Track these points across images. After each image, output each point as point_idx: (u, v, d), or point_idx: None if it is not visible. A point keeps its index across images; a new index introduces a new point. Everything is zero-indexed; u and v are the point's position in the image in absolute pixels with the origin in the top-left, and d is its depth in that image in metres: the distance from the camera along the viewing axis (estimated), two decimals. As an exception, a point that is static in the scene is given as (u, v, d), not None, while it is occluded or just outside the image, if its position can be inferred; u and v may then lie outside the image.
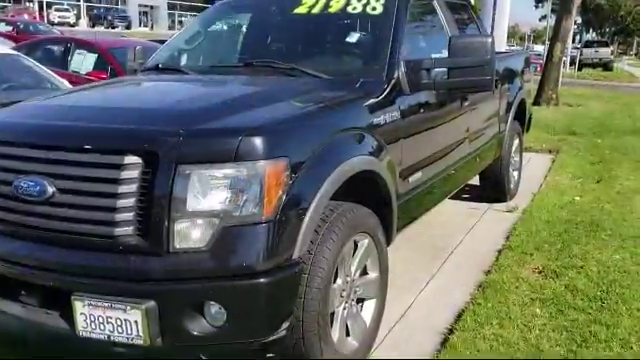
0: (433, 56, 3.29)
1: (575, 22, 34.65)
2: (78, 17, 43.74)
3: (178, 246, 2.08)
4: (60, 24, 40.43)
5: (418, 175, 3.25)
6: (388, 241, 2.97)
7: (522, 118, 5.85)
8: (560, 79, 15.89)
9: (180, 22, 46.09)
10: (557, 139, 8.85)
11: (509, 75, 5.24)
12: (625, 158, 7.40)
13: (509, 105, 5.18)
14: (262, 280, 2.10)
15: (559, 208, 5.18)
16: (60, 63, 7.72)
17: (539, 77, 13.29)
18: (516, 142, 5.67)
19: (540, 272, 3.74)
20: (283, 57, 3.22)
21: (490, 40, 3.02)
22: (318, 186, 2.29)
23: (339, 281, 2.54)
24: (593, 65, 33.89)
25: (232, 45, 3.70)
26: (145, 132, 2.17)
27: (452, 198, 4.62)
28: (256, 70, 3.10)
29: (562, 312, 3.18)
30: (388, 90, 2.96)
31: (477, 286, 3.60)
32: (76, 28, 40.51)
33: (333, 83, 2.94)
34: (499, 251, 4.20)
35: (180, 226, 2.07)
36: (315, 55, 3.33)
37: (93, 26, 42.59)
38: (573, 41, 34.11)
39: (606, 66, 34.28)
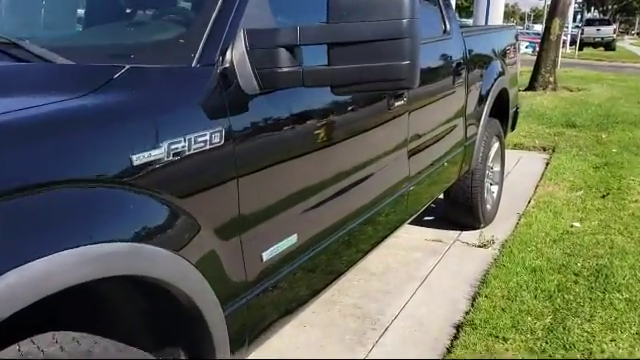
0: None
1: (576, 0, 32.91)
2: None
3: None
4: None
5: (287, 242, 1.78)
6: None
7: (503, 114, 4.37)
8: (559, 60, 14.35)
9: None
10: (553, 133, 7.37)
11: (483, 57, 3.74)
12: (637, 160, 5.91)
13: (482, 98, 3.69)
14: None
15: (551, 243, 3.71)
16: None
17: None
18: (495, 147, 4.19)
19: (515, 381, 2.30)
20: (16, 26, 1.74)
21: (408, -11, 1.53)
22: None
23: None
24: (595, 45, 32.26)
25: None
26: None
27: (410, 222, 3.17)
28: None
29: None
30: (209, 89, 1.49)
31: (408, 413, 2.16)
32: None
33: (67, 75, 1.44)
34: (457, 327, 2.75)
35: None
36: (67, 21, 1.83)
37: None
38: (574, 20, 32.46)
39: (608, 45, 32.61)
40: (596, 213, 4.32)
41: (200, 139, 1.41)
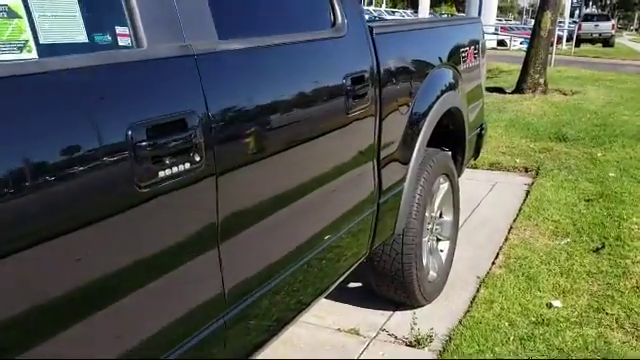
0: None
1: (574, -6, 31.52)
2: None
3: None
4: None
5: None
6: None
7: (457, 142, 3.14)
8: (553, 58, 13.11)
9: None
10: (539, 148, 6.12)
11: (413, 65, 2.49)
12: (641, 189, 4.68)
13: (414, 126, 2.45)
14: None
15: (517, 342, 2.48)
16: None
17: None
18: (443, 190, 2.96)
19: None
20: None
21: None
22: None
23: None
24: (592, 41, 30.87)
25: None
26: None
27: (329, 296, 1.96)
28: None
29: None
30: None
31: None
32: None
33: None
34: None
35: None
36: None
37: None
38: (571, 15, 31.12)
39: (607, 42, 31.19)
40: (586, 281, 3.09)
41: None
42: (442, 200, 2.96)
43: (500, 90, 10.13)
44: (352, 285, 3.08)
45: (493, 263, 3.37)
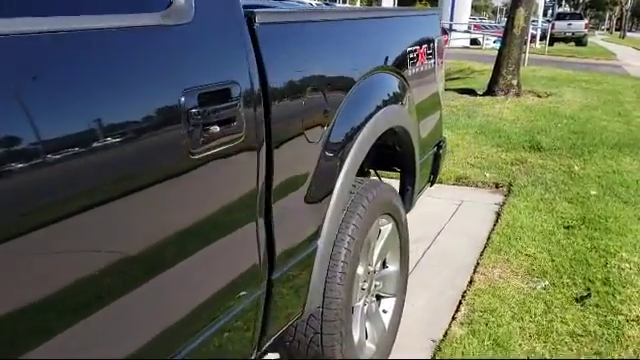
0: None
1: (547, -7, 31.16)
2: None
3: None
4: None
5: None
6: None
7: (408, 168, 2.43)
8: (527, 57, 12.56)
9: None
10: (511, 159, 5.44)
11: (331, 71, 1.75)
12: (627, 213, 4.02)
13: (334, 155, 1.72)
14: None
15: None
16: None
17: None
18: (385, 234, 2.23)
19: None
20: None
21: None
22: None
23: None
24: (565, 40, 30.64)
25: None
26: None
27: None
28: None
29: None
30: None
31: None
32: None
33: None
34: None
35: None
36: None
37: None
38: (544, 14, 30.81)
39: (579, 41, 30.95)
40: (570, 347, 2.39)
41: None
42: (384, 246, 2.24)
43: (471, 92, 9.49)
44: (269, 357, 2.34)
45: (453, 318, 2.67)
